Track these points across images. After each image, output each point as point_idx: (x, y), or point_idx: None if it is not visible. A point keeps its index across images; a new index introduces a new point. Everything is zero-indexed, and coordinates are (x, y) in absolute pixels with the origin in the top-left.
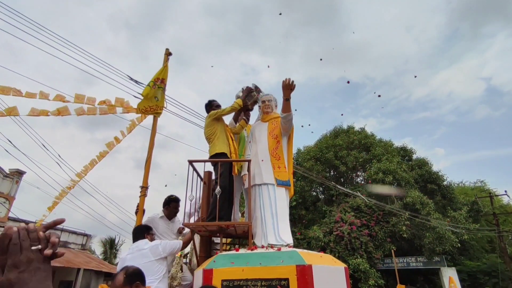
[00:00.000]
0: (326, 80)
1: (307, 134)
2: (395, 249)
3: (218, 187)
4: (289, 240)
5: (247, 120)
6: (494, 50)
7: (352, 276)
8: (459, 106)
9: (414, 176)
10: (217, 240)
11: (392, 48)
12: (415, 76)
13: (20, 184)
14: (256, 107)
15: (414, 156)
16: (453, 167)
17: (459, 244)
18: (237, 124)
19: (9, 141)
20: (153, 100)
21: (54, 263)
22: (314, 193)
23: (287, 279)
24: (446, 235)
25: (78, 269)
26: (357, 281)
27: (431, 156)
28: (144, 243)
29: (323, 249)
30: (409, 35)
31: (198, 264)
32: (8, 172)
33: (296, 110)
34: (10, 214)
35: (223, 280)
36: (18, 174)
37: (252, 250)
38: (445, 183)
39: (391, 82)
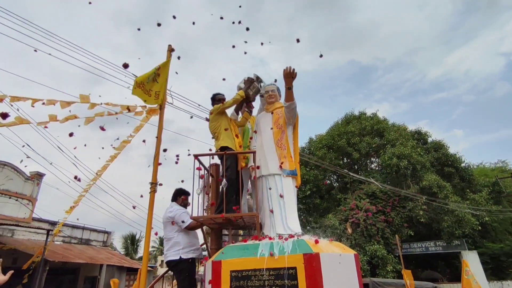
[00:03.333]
0: (335, 65)
1: (318, 122)
2: (412, 234)
3: (225, 180)
4: (297, 229)
5: (250, 111)
6: None
7: (370, 262)
8: (477, 85)
9: (430, 159)
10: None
11: (401, 26)
12: None
13: (41, 186)
14: (257, 98)
15: (430, 139)
16: (473, 149)
17: (479, 227)
18: (239, 116)
19: (27, 144)
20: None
21: (79, 260)
22: (328, 181)
23: (295, 268)
24: (465, 218)
25: (101, 265)
26: (375, 267)
27: (450, 138)
28: (169, 206)
29: (339, 237)
30: (420, 11)
31: (209, 256)
32: (29, 175)
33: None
34: (34, 215)
35: (231, 271)
36: (38, 176)
37: (260, 240)
38: (463, 165)
39: (402, 63)
